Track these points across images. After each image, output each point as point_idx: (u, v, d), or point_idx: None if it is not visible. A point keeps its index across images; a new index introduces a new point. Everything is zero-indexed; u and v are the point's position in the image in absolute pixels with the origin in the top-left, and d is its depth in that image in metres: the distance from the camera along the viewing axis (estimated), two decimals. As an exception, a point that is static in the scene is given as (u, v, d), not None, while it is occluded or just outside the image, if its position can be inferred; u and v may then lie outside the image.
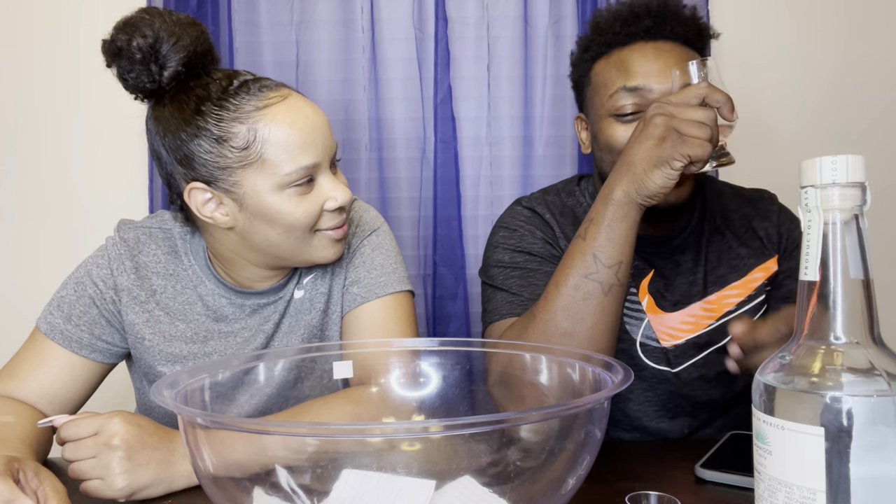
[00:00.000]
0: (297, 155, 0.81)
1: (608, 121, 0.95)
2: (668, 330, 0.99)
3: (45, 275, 1.66)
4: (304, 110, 0.84)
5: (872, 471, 0.40)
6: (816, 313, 0.44)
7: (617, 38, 0.96)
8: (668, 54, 0.93)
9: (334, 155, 0.88)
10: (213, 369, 0.65)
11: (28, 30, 1.65)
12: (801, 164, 0.45)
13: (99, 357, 0.92)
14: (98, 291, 0.91)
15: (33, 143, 1.66)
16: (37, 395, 0.88)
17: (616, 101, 0.93)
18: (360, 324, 0.95)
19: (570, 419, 0.52)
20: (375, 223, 1.00)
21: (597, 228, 0.81)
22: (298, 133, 0.82)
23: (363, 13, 1.59)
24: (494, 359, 0.74)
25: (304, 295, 0.96)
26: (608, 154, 0.96)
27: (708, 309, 1.00)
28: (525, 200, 1.10)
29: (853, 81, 1.67)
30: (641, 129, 0.80)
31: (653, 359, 0.99)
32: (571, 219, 1.06)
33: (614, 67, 0.95)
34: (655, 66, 0.92)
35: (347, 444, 0.55)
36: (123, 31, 0.83)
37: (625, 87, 0.92)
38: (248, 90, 0.82)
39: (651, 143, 0.77)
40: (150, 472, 0.70)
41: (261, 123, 0.80)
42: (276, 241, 0.85)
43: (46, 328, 0.90)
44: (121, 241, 0.93)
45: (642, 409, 1.02)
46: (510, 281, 1.00)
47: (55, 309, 0.91)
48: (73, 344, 0.89)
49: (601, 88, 0.97)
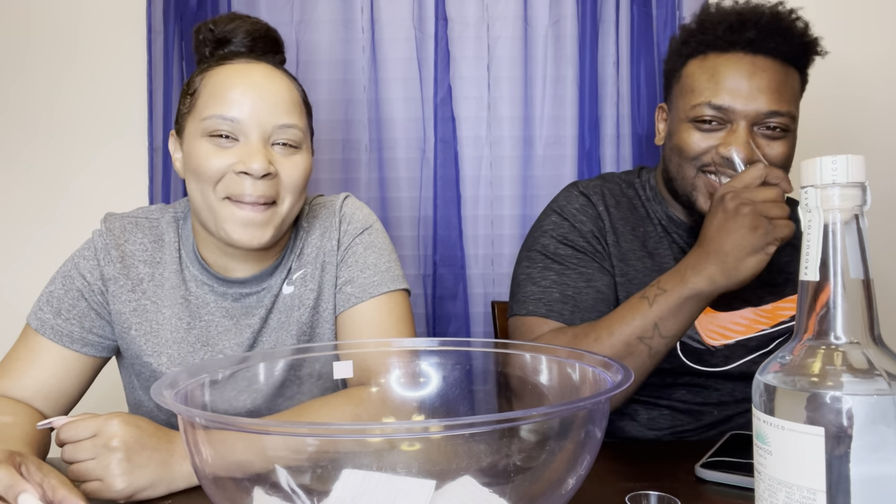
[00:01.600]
0: (219, 103, 0.84)
1: (687, 126, 0.97)
2: (718, 329, 1.00)
3: (45, 275, 1.66)
4: (253, 73, 0.87)
5: (872, 471, 0.40)
6: (816, 313, 0.44)
7: (717, 42, 0.96)
8: (762, 74, 0.92)
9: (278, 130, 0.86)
10: (213, 369, 0.65)
11: (28, 29, 1.65)
12: (801, 164, 0.45)
13: (91, 350, 0.92)
14: (86, 283, 0.91)
15: (33, 142, 1.66)
16: (31, 392, 0.88)
17: (699, 112, 0.95)
18: (355, 324, 0.94)
19: (570, 419, 0.52)
20: (367, 221, 0.99)
21: (667, 303, 0.83)
22: (230, 87, 0.85)
23: (363, 13, 1.59)
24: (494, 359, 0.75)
25: (294, 291, 0.95)
26: (677, 155, 0.99)
27: (762, 315, 1.01)
28: (582, 185, 1.09)
29: (853, 81, 1.67)
30: (725, 220, 0.81)
31: (688, 356, 1.00)
32: (627, 210, 1.07)
33: (706, 75, 0.95)
34: (746, 86, 0.92)
35: (347, 444, 0.55)
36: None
37: (710, 102, 0.94)
38: (224, 55, 0.90)
39: (742, 232, 0.80)
40: (150, 473, 0.70)
41: (207, 75, 0.88)
42: (195, 196, 0.88)
43: (37, 324, 0.90)
44: (107, 232, 0.94)
45: (664, 412, 1.03)
46: (547, 273, 1.01)
47: (45, 304, 0.91)
48: (63, 338, 0.89)
49: (688, 93, 0.98)
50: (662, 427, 1.03)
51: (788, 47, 0.94)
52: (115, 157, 1.66)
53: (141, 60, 1.61)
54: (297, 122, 0.88)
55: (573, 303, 0.98)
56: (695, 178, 0.97)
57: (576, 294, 0.98)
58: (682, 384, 1.01)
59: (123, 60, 1.64)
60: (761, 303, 1.01)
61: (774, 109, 0.92)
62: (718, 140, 0.94)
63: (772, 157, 0.94)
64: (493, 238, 1.59)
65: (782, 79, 0.94)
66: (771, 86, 0.92)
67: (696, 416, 1.02)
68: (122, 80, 1.65)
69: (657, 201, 1.07)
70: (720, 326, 1.00)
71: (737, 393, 1.02)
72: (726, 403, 1.02)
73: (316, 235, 0.97)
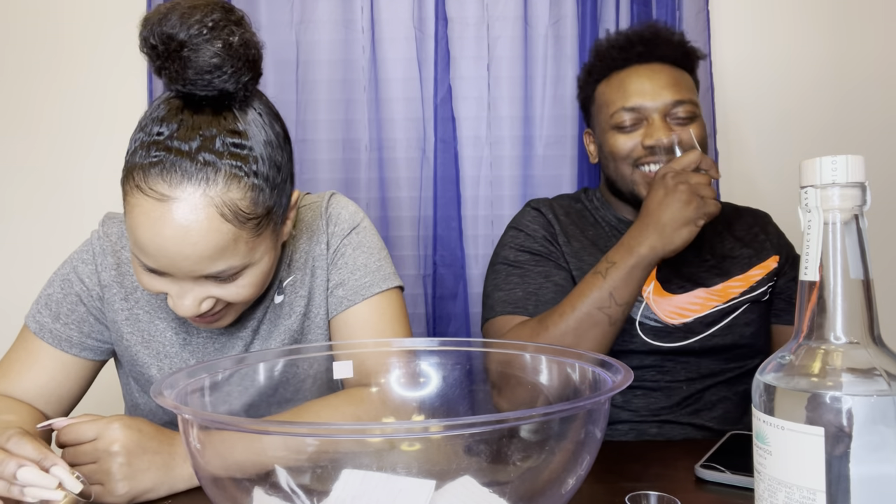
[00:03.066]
0: (135, 247, 0.73)
1: (611, 133, 1.13)
2: (675, 309, 1.11)
3: (44, 274, 1.66)
4: (166, 229, 0.69)
5: (872, 471, 0.40)
6: (816, 313, 0.44)
7: (615, 63, 1.14)
8: (658, 75, 1.11)
9: (209, 276, 0.74)
10: (213, 369, 0.65)
11: (27, 27, 1.65)
12: (801, 164, 0.45)
13: (89, 354, 0.91)
14: (84, 289, 0.90)
15: (32, 142, 1.66)
16: (32, 395, 0.87)
17: (617, 118, 1.11)
18: (349, 327, 0.92)
19: (570, 419, 0.52)
20: (354, 220, 0.95)
21: (618, 272, 0.96)
22: (144, 239, 0.71)
23: (363, 13, 1.59)
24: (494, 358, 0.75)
25: (284, 299, 0.92)
26: (612, 161, 1.14)
27: (714, 294, 1.13)
28: (533, 202, 1.24)
29: (853, 81, 1.67)
30: (665, 195, 0.96)
31: (650, 335, 1.10)
32: (576, 218, 1.20)
33: (614, 89, 1.13)
34: (649, 85, 1.10)
35: (347, 444, 0.55)
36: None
37: (624, 107, 1.10)
38: (145, 174, 0.70)
39: (678, 205, 0.94)
40: (151, 477, 0.70)
41: (129, 194, 0.72)
42: None
43: (35, 327, 0.89)
44: (104, 236, 0.92)
45: (636, 392, 1.10)
46: (510, 279, 1.12)
47: (43, 307, 0.90)
48: (62, 343, 0.89)
49: (604, 107, 1.15)
50: (638, 407, 1.09)
51: (672, 52, 1.13)
52: (114, 156, 1.65)
53: (141, 60, 1.59)
54: (231, 263, 0.74)
55: (535, 297, 1.09)
56: (632, 174, 1.12)
57: (537, 290, 1.10)
58: (650, 365, 1.10)
59: (123, 60, 1.64)
60: (711, 284, 1.13)
61: (678, 99, 1.09)
62: (640, 136, 1.10)
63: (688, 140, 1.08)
64: (493, 238, 1.59)
65: (677, 76, 1.12)
66: (669, 81, 1.10)
67: (667, 392, 1.09)
68: (122, 80, 1.65)
69: (605, 208, 1.22)
70: (677, 307, 1.11)
71: (702, 368, 1.10)
72: (693, 379, 1.09)
73: (304, 240, 0.94)
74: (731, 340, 1.10)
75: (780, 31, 1.67)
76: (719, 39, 1.65)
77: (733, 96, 1.66)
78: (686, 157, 0.99)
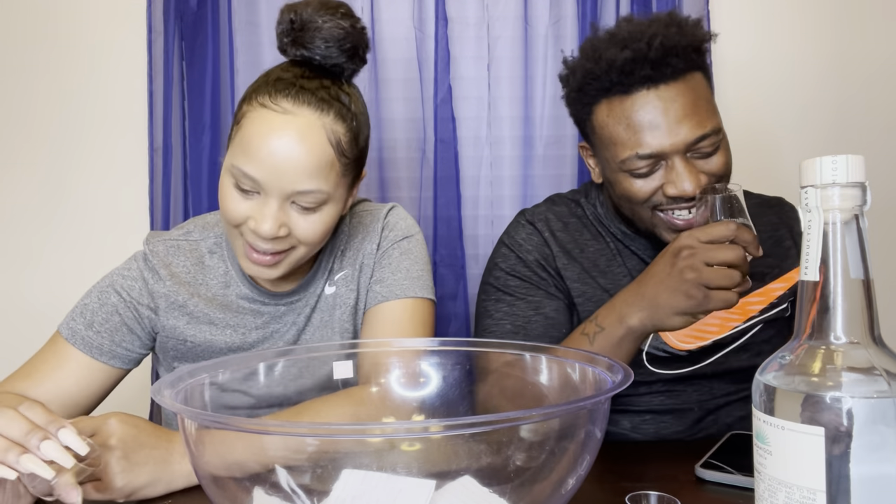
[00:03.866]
0: (244, 158, 0.82)
1: (623, 175, 0.94)
2: (691, 332, 1.00)
3: (46, 276, 1.66)
4: (284, 134, 0.81)
5: (872, 471, 0.40)
6: (816, 313, 0.44)
7: (616, 88, 0.92)
8: (672, 105, 0.90)
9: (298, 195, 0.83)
10: (213, 369, 0.65)
11: (28, 29, 1.65)
12: (801, 164, 0.45)
13: (117, 363, 0.94)
14: (122, 301, 0.94)
15: (32, 144, 1.66)
16: (51, 397, 0.89)
17: (630, 165, 0.92)
18: (377, 321, 0.96)
19: (570, 419, 0.52)
20: (410, 231, 1.02)
21: (606, 341, 0.85)
22: (256, 143, 0.81)
23: (363, 13, 1.58)
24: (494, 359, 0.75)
25: (336, 291, 0.98)
26: (626, 202, 0.97)
27: (733, 312, 1.00)
28: (529, 213, 1.11)
29: (853, 81, 1.67)
30: (668, 275, 0.79)
31: (657, 365, 1.01)
32: (575, 231, 1.08)
33: (621, 125, 0.92)
34: (665, 122, 0.89)
35: (347, 444, 0.55)
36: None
37: (638, 154, 0.91)
38: (274, 89, 0.84)
39: (678, 295, 0.78)
40: (148, 472, 0.70)
41: (249, 115, 0.84)
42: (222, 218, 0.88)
43: (68, 333, 0.92)
44: (151, 253, 0.96)
45: (645, 417, 1.03)
46: (499, 306, 1.05)
47: (78, 315, 0.93)
48: (93, 350, 0.91)
49: (611, 146, 0.94)
50: (648, 432, 1.03)
51: (684, 62, 0.91)
52: (115, 157, 1.66)
53: (141, 60, 1.61)
54: (321, 186, 0.83)
55: (524, 332, 1.00)
56: (652, 217, 0.96)
57: (526, 323, 1.01)
58: (658, 392, 1.02)
59: (123, 60, 1.64)
60: None
61: (700, 135, 0.90)
62: (660, 180, 0.93)
63: (712, 171, 0.92)
64: (493, 238, 1.59)
65: (693, 95, 0.91)
66: (686, 111, 0.89)
67: (679, 415, 1.03)
68: (122, 80, 1.65)
69: (608, 218, 1.07)
70: (694, 330, 0.99)
71: (716, 390, 1.02)
72: (706, 401, 1.03)
73: (358, 239, 1.00)
74: (746, 362, 1.00)
75: (781, 31, 1.67)
76: (719, 39, 1.64)
77: (733, 96, 1.66)
78: (717, 229, 0.78)
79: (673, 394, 1.02)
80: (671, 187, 0.91)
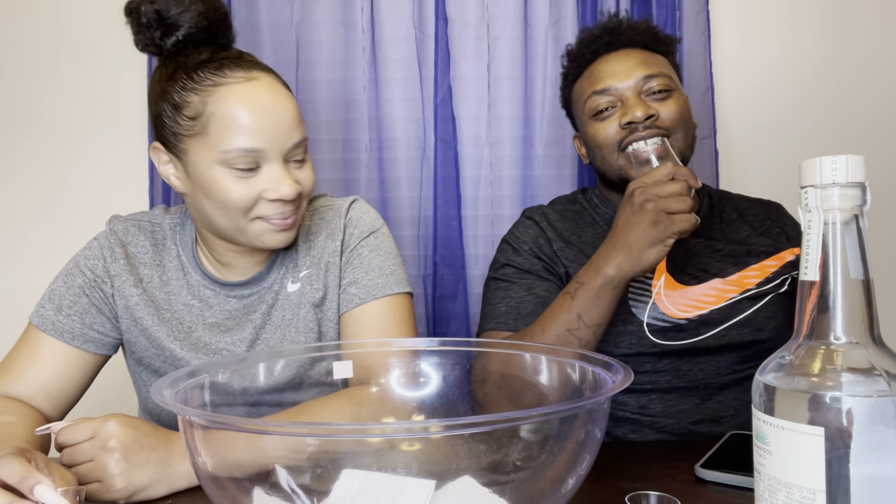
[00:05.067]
0: (238, 136, 0.82)
1: (590, 123, 1.11)
2: (690, 302, 1.06)
3: (45, 275, 1.65)
4: (262, 96, 0.84)
5: (872, 471, 0.40)
6: (816, 313, 0.44)
7: (585, 59, 1.13)
8: (627, 57, 1.09)
9: (297, 148, 0.87)
10: (213, 369, 0.65)
11: (28, 29, 1.65)
12: (801, 164, 0.45)
13: (91, 347, 0.93)
14: (87, 280, 0.93)
15: (32, 143, 1.66)
16: (33, 390, 0.88)
17: (591, 104, 1.09)
18: (357, 325, 0.95)
19: (570, 419, 0.52)
20: (374, 225, 1.00)
21: (585, 294, 0.92)
22: (245, 115, 0.82)
23: (363, 13, 1.59)
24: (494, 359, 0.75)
25: (300, 288, 0.96)
26: (597, 151, 1.11)
27: (729, 284, 1.07)
28: (528, 211, 1.22)
29: (853, 81, 1.67)
30: (632, 214, 0.89)
31: (659, 336, 1.04)
32: (572, 221, 1.17)
33: (586, 80, 1.12)
34: (617, 67, 1.08)
35: (347, 444, 0.55)
36: None
37: (594, 91, 1.09)
38: (218, 66, 0.84)
39: (644, 225, 0.87)
40: (149, 473, 0.70)
41: (212, 98, 0.83)
42: (214, 216, 0.87)
43: (38, 321, 0.91)
44: (111, 232, 0.97)
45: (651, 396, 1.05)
46: (497, 293, 1.12)
47: (46, 302, 0.92)
48: (65, 334, 0.90)
49: (579, 100, 1.14)
50: (655, 411, 1.04)
51: (640, 37, 1.10)
52: (114, 156, 1.66)
53: (141, 60, 1.61)
54: (305, 133, 0.88)
55: (515, 312, 1.07)
56: (617, 158, 1.08)
57: (518, 303, 1.08)
58: (663, 370, 1.04)
59: (123, 60, 1.64)
60: (726, 274, 1.08)
61: (648, 73, 1.06)
62: (618, 118, 1.06)
63: (667, 114, 1.05)
64: (493, 238, 1.59)
65: (647, 55, 1.09)
66: (638, 60, 1.08)
67: (684, 394, 1.04)
68: (122, 80, 1.65)
69: (604, 205, 1.18)
70: (691, 299, 1.06)
71: (720, 367, 1.04)
72: (711, 379, 1.04)
73: (322, 237, 0.99)
74: (750, 336, 1.04)
75: (781, 31, 1.67)
76: (719, 39, 1.65)
77: (733, 96, 1.66)
78: (658, 171, 0.92)
79: (678, 373, 1.04)
80: (624, 117, 1.05)
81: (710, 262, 1.09)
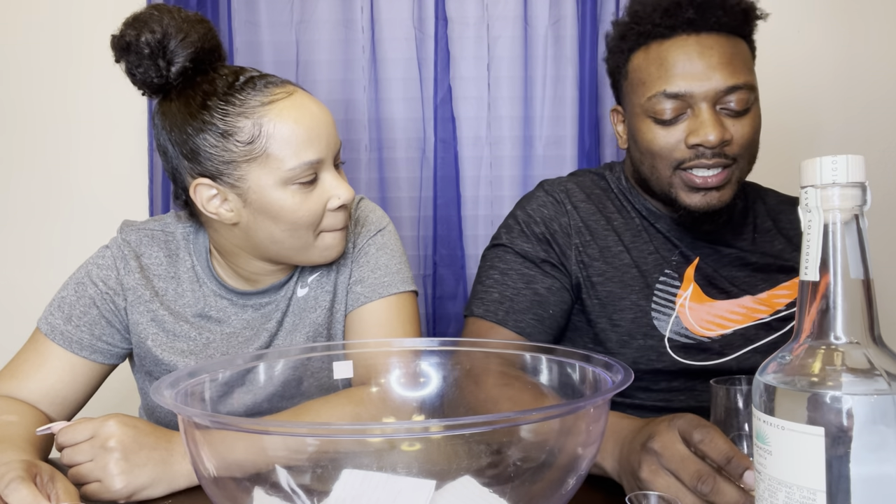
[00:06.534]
0: (301, 150, 0.82)
1: (647, 122, 0.93)
2: (713, 319, 0.96)
3: (46, 276, 1.65)
4: (310, 107, 0.85)
5: (872, 471, 0.40)
6: (816, 313, 0.44)
7: (657, 30, 0.91)
8: (711, 52, 0.89)
9: (338, 153, 0.88)
10: (213, 369, 0.65)
11: (28, 29, 1.65)
12: (801, 164, 0.45)
13: (99, 358, 0.92)
14: (98, 292, 0.91)
15: (32, 144, 1.66)
16: (38, 396, 0.88)
17: (655, 105, 0.91)
18: (363, 323, 0.95)
19: (570, 419, 0.52)
20: (381, 223, 1.00)
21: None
22: (303, 129, 0.82)
23: (363, 13, 1.59)
24: (494, 359, 0.74)
25: (309, 293, 0.96)
26: (649, 156, 0.94)
27: (760, 303, 0.97)
28: (548, 184, 1.06)
29: (855, 81, 1.67)
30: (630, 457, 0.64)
31: (680, 353, 0.96)
32: (599, 203, 1.03)
33: (654, 65, 0.91)
34: (699, 66, 0.88)
35: (347, 444, 0.55)
36: (132, 27, 0.84)
37: (665, 91, 0.89)
38: (253, 86, 0.83)
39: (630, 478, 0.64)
40: (149, 472, 0.70)
41: (266, 118, 0.81)
42: (280, 238, 0.85)
43: (47, 329, 0.90)
44: (124, 243, 0.94)
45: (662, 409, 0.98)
46: (492, 273, 1.02)
47: (56, 310, 0.91)
48: (73, 345, 0.89)
49: (639, 87, 0.93)
50: None
51: (729, 17, 0.90)
52: (115, 157, 1.66)
53: (141, 60, 1.60)
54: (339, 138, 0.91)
55: (509, 304, 0.98)
56: (671, 176, 0.93)
57: (514, 295, 0.98)
58: (678, 389, 0.97)
59: (123, 60, 1.64)
60: (756, 291, 0.98)
61: (732, 84, 0.88)
62: (684, 131, 0.90)
63: (740, 139, 0.90)
64: (493, 238, 1.59)
65: (732, 51, 0.90)
66: (723, 60, 0.88)
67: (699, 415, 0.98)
68: (122, 80, 1.64)
69: (634, 194, 1.04)
70: (717, 316, 0.96)
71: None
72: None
73: None
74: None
75: (781, 30, 1.67)
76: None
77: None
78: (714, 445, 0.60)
79: (694, 393, 0.96)
80: (694, 136, 0.88)
81: (739, 277, 0.99)
